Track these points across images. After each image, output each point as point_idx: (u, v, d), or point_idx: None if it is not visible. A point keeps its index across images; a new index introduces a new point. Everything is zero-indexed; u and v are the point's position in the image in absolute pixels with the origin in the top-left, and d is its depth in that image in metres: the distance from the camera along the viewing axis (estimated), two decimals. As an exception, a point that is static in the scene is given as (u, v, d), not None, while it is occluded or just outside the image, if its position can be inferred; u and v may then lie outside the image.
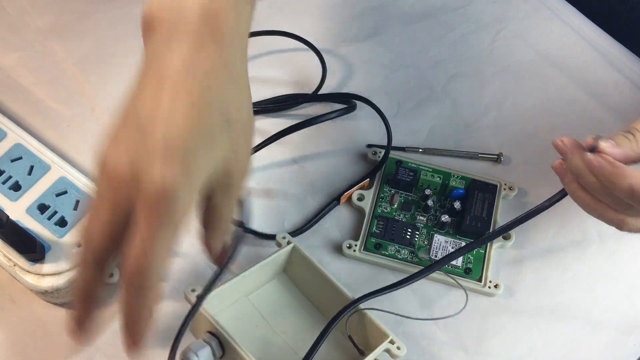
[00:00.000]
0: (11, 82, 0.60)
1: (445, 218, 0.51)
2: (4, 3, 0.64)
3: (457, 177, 0.55)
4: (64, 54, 0.61)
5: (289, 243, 0.48)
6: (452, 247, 0.52)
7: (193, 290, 0.44)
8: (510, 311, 0.50)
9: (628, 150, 0.40)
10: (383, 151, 0.55)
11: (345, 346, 0.46)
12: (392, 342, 0.44)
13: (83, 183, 0.51)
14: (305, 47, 0.61)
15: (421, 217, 0.53)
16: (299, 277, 0.50)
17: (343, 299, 0.46)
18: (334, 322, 0.44)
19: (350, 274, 0.51)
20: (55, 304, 0.49)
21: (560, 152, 0.41)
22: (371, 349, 0.44)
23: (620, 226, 0.41)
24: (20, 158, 0.52)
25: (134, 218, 0.32)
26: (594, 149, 0.40)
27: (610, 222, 0.42)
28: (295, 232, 0.53)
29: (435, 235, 0.52)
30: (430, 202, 0.53)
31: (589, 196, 0.41)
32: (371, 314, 0.45)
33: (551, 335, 0.50)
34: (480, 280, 0.51)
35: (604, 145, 0.39)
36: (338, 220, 0.54)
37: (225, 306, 0.47)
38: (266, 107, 0.59)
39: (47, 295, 0.48)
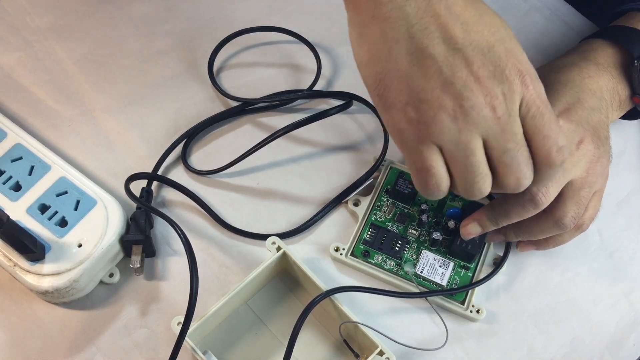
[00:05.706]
0: (11, 82, 0.60)
1: (436, 235, 0.50)
2: (4, 3, 0.64)
3: (456, 196, 0.53)
4: (64, 54, 0.61)
5: (278, 249, 0.49)
6: (440, 265, 0.51)
7: (179, 324, 0.45)
8: (510, 312, 0.50)
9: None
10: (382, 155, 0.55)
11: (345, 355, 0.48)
12: (381, 353, 0.45)
13: (83, 183, 0.51)
14: (305, 46, 0.62)
15: (413, 231, 0.52)
16: (291, 279, 0.51)
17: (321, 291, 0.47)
18: (310, 308, 0.45)
19: (338, 275, 0.51)
20: (55, 304, 0.49)
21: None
22: (365, 358, 0.46)
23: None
24: (21, 158, 0.52)
25: None
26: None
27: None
28: (292, 231, 0.53)
29: (425, 251, 0.51)
30: (425, 218, 0.51)
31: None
32: (362, 326, 0.46)
33: (551, 335, 0.50)
34: (463, 303, 0.50)
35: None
36: (338, 221, 0.54)
37: (226, 316, 0.49)
38: (262, 105, 0.59)
39: (47, 295, 0.48)
